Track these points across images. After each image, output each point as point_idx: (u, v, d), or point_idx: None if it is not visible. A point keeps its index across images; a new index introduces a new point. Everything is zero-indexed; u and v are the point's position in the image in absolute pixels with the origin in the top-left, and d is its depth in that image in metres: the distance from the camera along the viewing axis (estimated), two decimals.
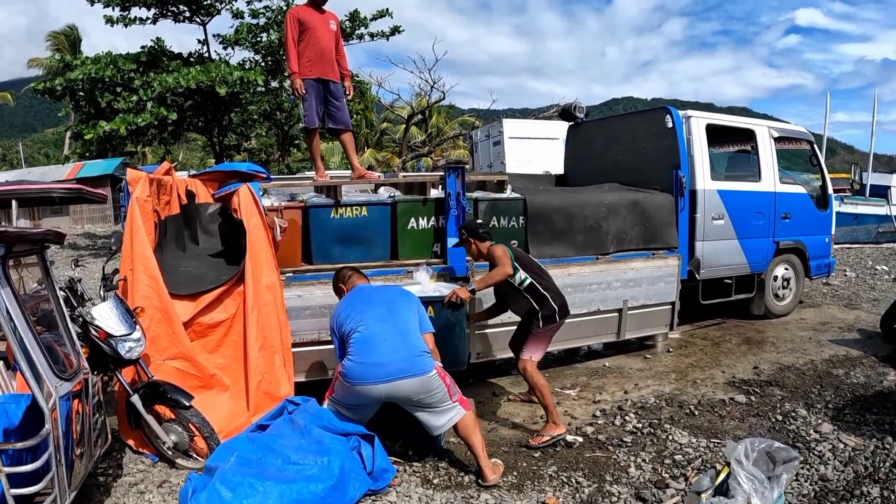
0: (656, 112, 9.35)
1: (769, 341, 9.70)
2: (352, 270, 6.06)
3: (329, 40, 7.83)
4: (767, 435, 6.18)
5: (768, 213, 10.32)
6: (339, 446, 4.97)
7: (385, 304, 5.52)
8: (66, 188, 4.69)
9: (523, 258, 6.45)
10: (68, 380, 4.08)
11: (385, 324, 5.34)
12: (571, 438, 6.14)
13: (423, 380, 5.20)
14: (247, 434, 5.27)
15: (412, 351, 5.27)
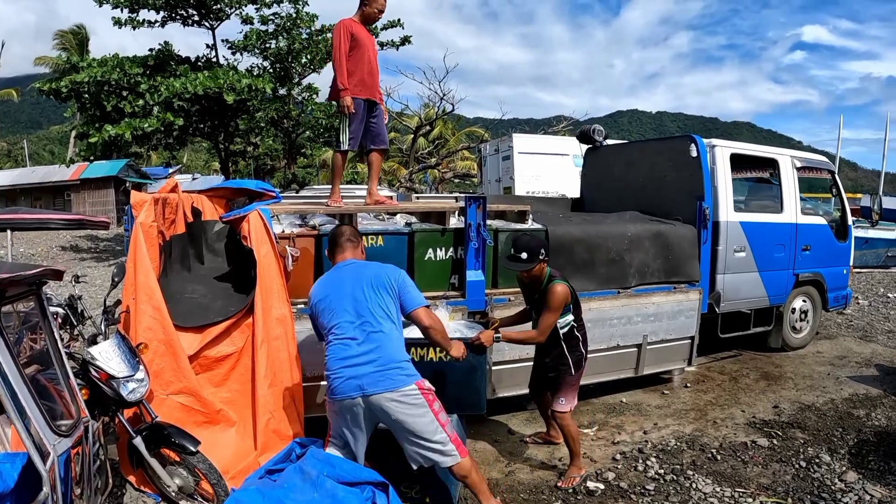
0: (680, 140, 9.11)
1: (787, 377, 9.50)
2: (346, 237, 5.46)
3: (376, 61, 7.55)
4: (792, 483, 6.05)
5: (789, 246, 10.13)
6: (354, 500, 4.71)
7: (356, 299, 4.93)
8: (66, 219, 4.49)
9: (576, 297, 6.09)
10: (67, 435, 3.82)
11: (355, 326, 4.87)
12: (593, 486, 5.92)
13: (396, 395, 4.72)
14: (256, 486, 5.00)
15: (386, 360, 4.77)
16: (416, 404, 4.74)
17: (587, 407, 8.16)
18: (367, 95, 7.36)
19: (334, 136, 7.74)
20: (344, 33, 7.15)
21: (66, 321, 8.04)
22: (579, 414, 7.83)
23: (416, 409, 4.74)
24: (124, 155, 25.18)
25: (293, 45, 21.70)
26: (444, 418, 4.86)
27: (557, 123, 28.66)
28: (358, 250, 5.41)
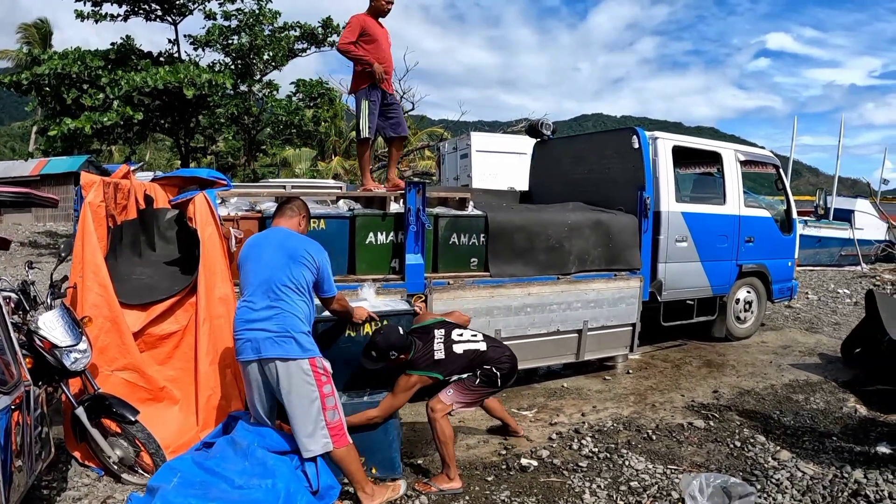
0: (623, 132, 9.32)
1: (730, 364, 9.71)
2: (288, 206, 5.50)
3: (389, 53, 7.85)
4: (725, 462, 6.18)
5: (732, 237, 10.33)
6: (284, 467, 4.84)
7: (271, 265, 4.98)
8: (13, 192, 4.56)
9: (449, 354, 5.60)
10: (7, 393, 3.94)
11: (263, 291, 4.94)
12: (526, 462, 6.04)
13: (287, 365, 4.81)
14: (191, 455, 5.13)
15: (283, 328, 4.83)
16: (303, 380, 4.84)
17: (528, 391, 8.33)
18: (387, 88, 7.81)
19: (355, 127, 7.99)
20: (354, 25, 7.66)
21: (19, 306, 8.10)
22: (520, 397, 8.01)
23: (302, 384, 4.84)
24: (85, 151, 25.02)
25: (255, 41, 21.74)
26: (331, 403, 4.92)
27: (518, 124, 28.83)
28: (293, 221, 5.38)
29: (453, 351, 5.56)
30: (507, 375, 5.71)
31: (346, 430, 5.00)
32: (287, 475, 4.77)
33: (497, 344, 5.97)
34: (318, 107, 24.50)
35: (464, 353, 5.58)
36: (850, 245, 23.45)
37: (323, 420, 4.88)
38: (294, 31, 22.94)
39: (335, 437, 4.91)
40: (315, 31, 22.85)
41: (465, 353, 5.58)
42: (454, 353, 5.55)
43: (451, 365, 5.52)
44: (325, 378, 4.91)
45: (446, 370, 5.51)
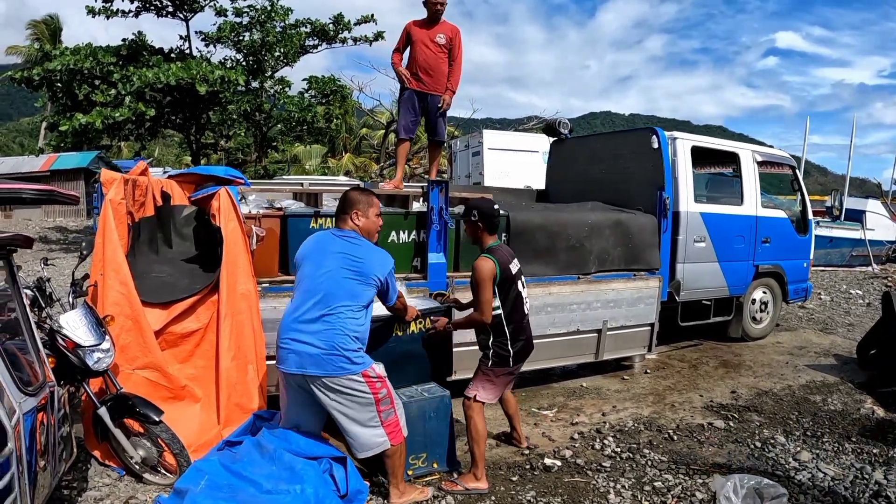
0: (642, 132, 9.28)
1: (746, 365, 9.68)
2: (347, 201, 5.21)
3: (429, 54, 7.90)
4: (746, 462, 6.17)
5: (749, 237, 10.30)
6: (312, 472, 4.82)
7: (328, 276, 4.87)
8: (37, 189, 4.50)
9: (507, 280, 5.55)
10: (33, 395, 3.92)
11: (315, 302, 4.83)
12: (550, 462, 6.03)
13: (335, 381, 4.78)
14: (218, 456, 5.11)
15: (330, 346, 4.74)
16: (356, 392, 4.83)
17: (547, 390, 8.33)
18: (415, 86, 7.97)
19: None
20: (402, 32, 8.08)
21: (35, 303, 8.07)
22: (539, 397, 7.99)
23: (355, 397, 4.84)
24: (95, 147, 25.04)
25: (267, 37, 21.72)
26: (386, 404, 4.92)
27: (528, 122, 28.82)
28: (359, 220, 5.13)
29: (518, 289, 5.71)
30: (520, 352, 5.65)
31: (401, 426, 5.05)
32: (315, 480, 4.76)
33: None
34: (329, 104, 24.51)
35: (517, 297, 5.66)
36: (862, 246, 23.39)
37: (378, 421, 4.91)
38: (305, 27, 22.92)
39: (391, 435, 4.96)
40: (326, 28, 22.82)
41: (518, 299, 5.68)
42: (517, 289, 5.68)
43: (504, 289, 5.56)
44: (380, 384, 4.90)
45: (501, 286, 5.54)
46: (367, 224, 5.14)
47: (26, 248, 4.33)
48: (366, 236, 5.13)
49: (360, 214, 5.11)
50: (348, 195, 5.22)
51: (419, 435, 5.55)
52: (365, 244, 5.08)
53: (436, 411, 5.67)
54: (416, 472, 5.59)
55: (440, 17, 7.89)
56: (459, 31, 8.00)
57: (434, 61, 7.85)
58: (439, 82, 7.94)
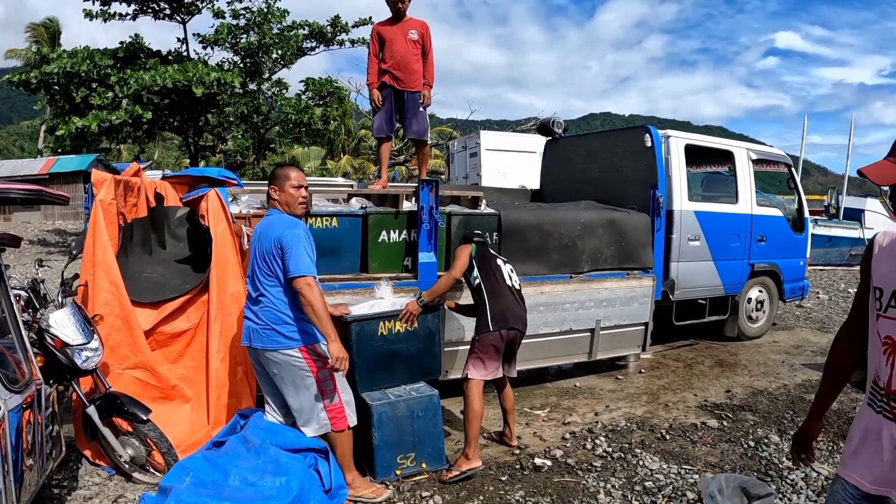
0: (635, 130, 9.27)
1: (742, 364, 9.67)
2: (270, 176, 5.33)
3: (405, 51, 7.86)
4: (739, 462, 6.14)
5: (744, 236, 10.30)
6: (297, 465, 4.83)
7: (255, 256, 5.06)
8: (25, 189, 4.49)
9: (485, 257, 6.12)
10: (19, 392, 3.92)
11: (251, 282, 5.11)
12: (540, 462, 6.00)
13: (276, 355, 4.95)
14: (203, 454, 5.13)
15: (265, 321, 4.95)
16: (294, 368, 4.95)
17: (540, 390, 8.31)
18: (390, 83, 7.92)
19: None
20: (372, 36, 8.10)
21: (29, 304, 8.11)
22: (532, 396, 7.98)
23: (293, 372, 4.97)
24: (94, 150, 25.05)
25: (264, 39, 21.73)
26: (329, 387, 5.02)
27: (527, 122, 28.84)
28: (272, 199, 5.19)
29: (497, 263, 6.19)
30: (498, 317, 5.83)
31: (346, 414, 5.13)
32: (300, 473, 4.77)
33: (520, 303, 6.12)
34: (327, 105, 24.49)
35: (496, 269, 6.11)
36: (861, 244, 23.38)
37: (321, 404, 5.02)
38: (303, 29, 22.94)
39: (333, 420, 5.06)
40: (324, 30, 22.83)
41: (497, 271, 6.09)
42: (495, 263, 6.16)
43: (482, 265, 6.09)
44: (321, 363, 4.95)
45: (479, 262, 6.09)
46: (284, 197, 5.11)
47: (14, 246, 4.33)
48: (287, 211, 5.12)
49: (277, 190, 5.11)
50: (272, 172, 5.38)
51: (407, 434, 5.56)
52: (274, 218, 5.10)
53: (424, 411, 5.67)
54: (405, 471, 5.58)
55: (404, 14, 7.87)
56: (428, 25, 7.99)
57: (411, 58, 7.83)
58: (414, 79, 7.91)
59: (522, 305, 6.08)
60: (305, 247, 4.84)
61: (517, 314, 5.93)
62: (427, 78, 8.03)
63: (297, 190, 5.11)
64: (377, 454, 5.48)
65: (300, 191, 5.13)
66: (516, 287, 6.11)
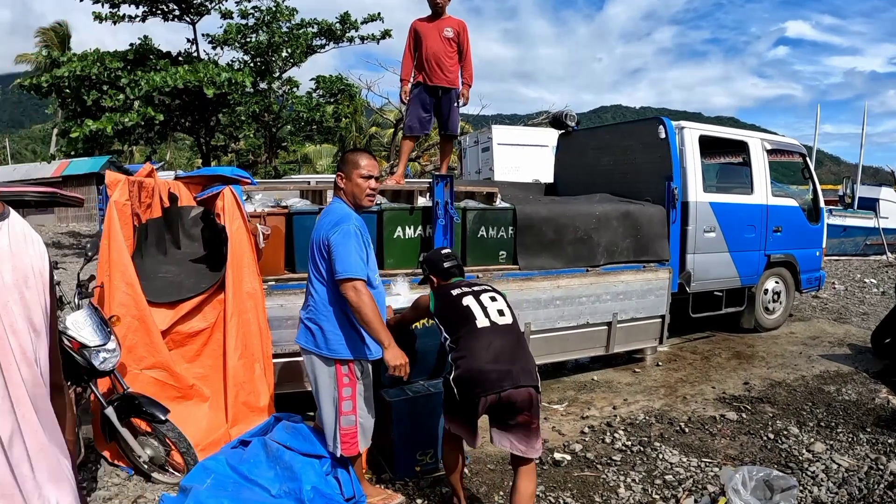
0: (649, 122, 9.24)
1: (759, 356, 9.62)
2: (340, 162, 4.93)
3: (439, 48, 7.87)
4: (759, 454, 6.13)
5: (760, 227, 10.24)
6: (310, 470, 4.78)
7: (310, 250, 4.73)
8: (40, 192, 4.53)
9: (448, 304, 4.72)
10: None
11: (308, 279, 4.81)
12: (559, 457, 5.99)
13: (313, 358, 4.68)
14: (225, 456, 5.10)
15: (312, 320, 4.67)
16: (326, 376, 4.67)
17: (558, 384, 8.29)
18: (432, 83, 7.93)
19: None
20: (409, 32, 8.03)
21: None
22: (550, 391, 7.95)
23: (324, 380, 4.68)
24: (106, 152, 25.11)
25: (273, 38, 21.73)
26: (348, 407, 4.65)
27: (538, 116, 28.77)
28: (337, 188, 4.80)
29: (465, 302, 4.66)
30: (462, 381, 4.33)
31: (358, 440, 4.74)
32: (314, 478, 4.73)
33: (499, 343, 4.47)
34: (338, 103, 24.48)
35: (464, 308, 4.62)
36: (876, 234, 23.27)
37: (338, 424, 4.71)
38: (312, 27, 22.92)
39: (344, 445, 4.73)
40: (333, 28, 22.80)
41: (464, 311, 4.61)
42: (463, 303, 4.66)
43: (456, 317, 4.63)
44: (348, 380, 4.64)
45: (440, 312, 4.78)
46: (350, 187, 4.69)
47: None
48: (352, 202, 4.71)
49: (343, 178, 4.72)
50: (340, 157, 4.99)
51: (427, 431, 5.53)
52: (333, 208, 4.75)
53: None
54: (424, 468, 5.56)
55: (443, 12, 7.87)
56: (465, 24, 7.99)
57: (444, 55, 7.84)
58: (449, 76, 7.92)
59: (512, 348, 4.44)
60: (355, 245, 4.40)
61: (491, 371, 4.27)
62: (465, 77, 8.10)
63: (367, 181, 4.67)
64: (397, 451, 5.47)
65: (369, 182, 4.68)
66: (501, 323, 4.54)
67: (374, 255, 4.77)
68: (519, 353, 4.43)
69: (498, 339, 4.42)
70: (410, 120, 8.10)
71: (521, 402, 4.25)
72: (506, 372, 4.24)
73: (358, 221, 4.54)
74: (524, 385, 4.24)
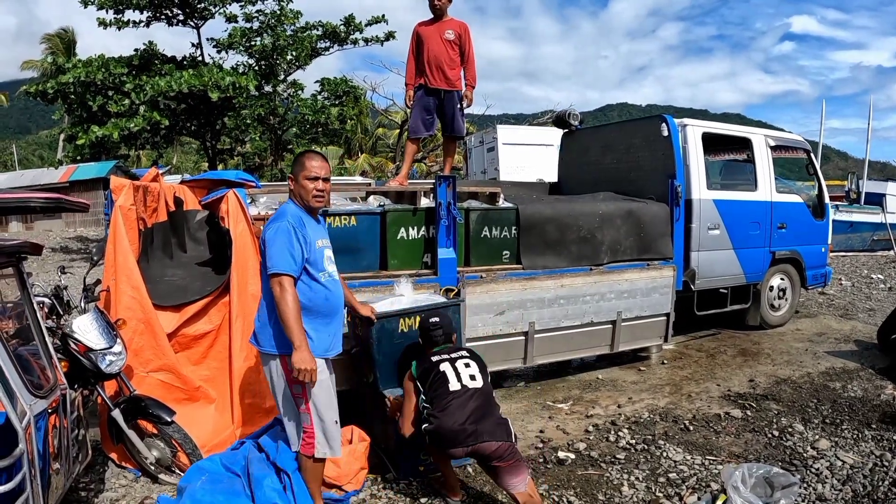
0: (652, 120, 9.26)
1: (765, 353, 9.62)
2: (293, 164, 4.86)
3: (440, 50, 7.86)
4: (764, 451, 6.14)
5: (764, 223, 10.23)
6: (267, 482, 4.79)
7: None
8: (45, 198, 4.52)
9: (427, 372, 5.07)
10: (44, 397, 3.96)
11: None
12: (563, 455, 6.01)
13: (262, 356, 4.66)
14: (220, 456, 5.18)
15: (258, 318, 4.65)
16: (275, 373, 4.59)
17: (563, 383, 8.31)
18: (434, 85, 7.89)
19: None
20: (412, 35, 8.02)
21: (53, 311, 8.17)
22: (555, 390, 8.00)
23: (276, 378, 4.60)
24: (113, 156, 25.17)
25: (277, 41, 21.75)
26: (301, 404, 4.55)
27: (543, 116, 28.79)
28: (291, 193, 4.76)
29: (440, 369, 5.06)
30: (433, 434, 4.85)
31: (316, 441, 4.59)
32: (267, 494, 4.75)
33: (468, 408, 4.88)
34: (343, 105, 24.48)
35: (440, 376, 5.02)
36: (883, 229, 23.22)
37: (299, 419, 4.63)
38: (316, 30, 22.93)
39: (304, 443, 4.63)
40: (337, 30, 22.81)
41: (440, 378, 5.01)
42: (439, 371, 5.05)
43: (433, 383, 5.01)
44: (294, 378, 4.42)
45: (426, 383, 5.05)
46: (297, 189, 4.67)
47: (35, 254, 4.37)
48: (301, 203, 4.68)
49: (292, 179, 4.72)
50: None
51: None
52: (279, 210, 4.74)
53: None
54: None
55: (444, 14, 7.87)
56: (467, 26, 7.99)
57: (445, 57, 7.83)
58: (451, 78, 7.93)
59: (479, 409, 4.86)
60: (286, 241, 4.38)
61: (458, 430, 4.73)
62: (468, 78, 8.08)
63: (313, 182, 4.62)
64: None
65: (316, 183, 4.63)
66: (471, 386, 4.96)
67: (325, 251, 4.71)
68: (487, 412, 4.88)
69: (468, 401, 4.87)
70: (413, 122, 8.10)
71: (492, 453, 4.68)
72: (472, 431, 4.69)
73: (294, 219, 4.50)
74: (487, 441, 4.67)
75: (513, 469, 4.69)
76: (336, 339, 4.74)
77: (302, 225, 4.51)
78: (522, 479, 4.71)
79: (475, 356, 5.25)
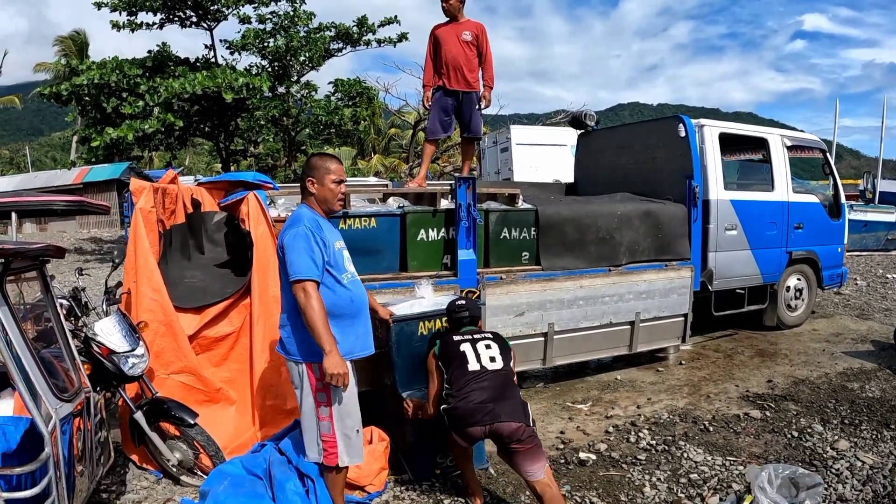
0: (669, 121, 9.25)
1: (782, 353, 9.59)
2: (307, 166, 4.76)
3: (457, 51, 7.88)
4: (784, 452, 6.12)
5: (781, 223, 10.21)
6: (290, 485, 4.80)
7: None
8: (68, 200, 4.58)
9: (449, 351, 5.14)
10: (69, 401, 3.97)
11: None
12: (584, 456, 6.01)
13: (287, 363, 4.66)
14: (241, 459, 5.19)
15: (282, 325, 4.60)
16: (298, 379, 4.55)
17: (581, 384, 8.30)
18: (453, 87, 7.94)
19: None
20: (429, 37, 8.08)
21: (71, 312, 8.18)
22: (573, 391, 7.99)
23: (298, 384, 4.57)
24: (126, 158, 25.24)
25: (291, 42, 21.76)
26: (325, 413, 4.48)
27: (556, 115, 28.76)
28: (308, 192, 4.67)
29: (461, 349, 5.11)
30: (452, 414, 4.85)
31: (338, 450, 4.53)
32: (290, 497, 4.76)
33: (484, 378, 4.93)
34: (356, 105, 24.47)
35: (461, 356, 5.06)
36: None
37: (319, 430, 4.54)
38: (329, 31, 22.93)
39: (325, 452, 4.55)
40: (350, 31, 22.81)
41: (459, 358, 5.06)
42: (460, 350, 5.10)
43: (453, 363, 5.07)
44: (321, 384, 4.40)
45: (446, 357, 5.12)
46: (323, 193, 4.60)
47: (59, 258, 4.37)
48: (323, 207, 4.64)
49: (314, 182, 4.60)
50: (306, 161, 4.86)
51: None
52: (296, 213, 4.65)
53: None
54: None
55: (458, 15, 7.88)
56: (484, 27, 7.99)
57: (463, 58, 7.84)
58: (469, 79, 7.94)
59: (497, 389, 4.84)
60: (305, 246, 4.31)
61: (474, 409, 4.73)
62: (486, 79, 8.09)
63: (338, 186, 4.62)
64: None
65: (340, 186, 4.64)
66: (490, 368, 4.97)
67: (343, 252, 4.68)
68: (506, 393, 4.84)
69: (485, 381, 4.86)
70: (432, 124, 8.12)
71: (510, 434, 4.61)
72: (490, 409, 4.66)
73: (311, 223, 4.44)
74: (505, 421, 4.61)
75: (531, 454, 4.63)
76: (360, 340, 4.67)
77: (319, 228, 4.47)
78: (541, 466, 4.66)
79: (499, 339, 5.27)
